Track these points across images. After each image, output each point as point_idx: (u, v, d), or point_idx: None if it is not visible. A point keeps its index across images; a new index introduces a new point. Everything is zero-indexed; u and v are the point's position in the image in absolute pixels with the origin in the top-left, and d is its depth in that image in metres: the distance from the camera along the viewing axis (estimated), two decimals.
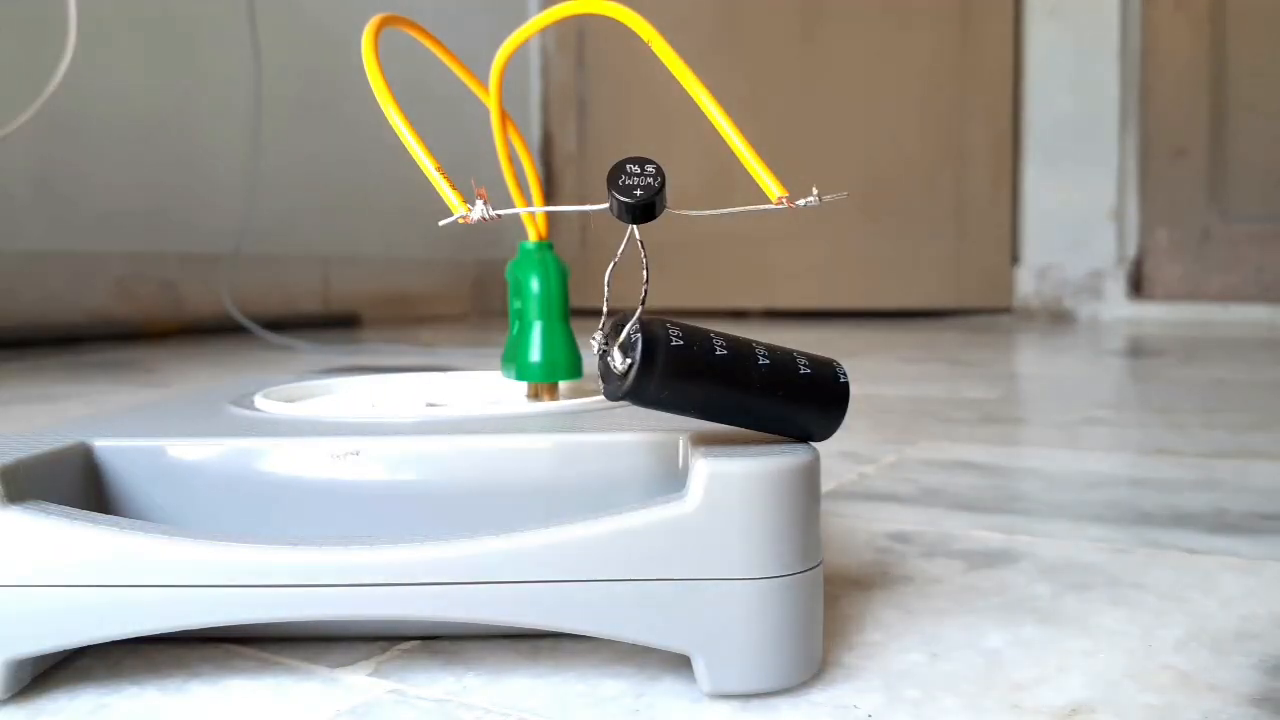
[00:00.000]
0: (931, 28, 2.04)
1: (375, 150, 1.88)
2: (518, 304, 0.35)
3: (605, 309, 0.25)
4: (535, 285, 0.34)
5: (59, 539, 0.24)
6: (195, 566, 0.23)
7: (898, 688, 0.24)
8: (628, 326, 0.23)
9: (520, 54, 2.30)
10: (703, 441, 0.25)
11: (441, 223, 0.25)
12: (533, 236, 0.35)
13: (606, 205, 0.24)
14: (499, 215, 0.25)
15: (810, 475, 0.24)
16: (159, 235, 1.60)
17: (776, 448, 0.25)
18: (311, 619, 0.24)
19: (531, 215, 0.34)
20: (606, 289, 0.24)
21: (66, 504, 0.25)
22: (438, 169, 0.26)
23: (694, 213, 0.25)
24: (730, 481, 0.23)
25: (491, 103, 0.32)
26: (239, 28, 1.55)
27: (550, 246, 0.35)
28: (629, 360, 0.23)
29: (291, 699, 0.24)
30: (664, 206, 0.24)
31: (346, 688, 0.25)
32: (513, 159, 0.34)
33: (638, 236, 0.24)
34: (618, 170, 0.23)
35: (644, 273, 0.24)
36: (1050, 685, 0.24)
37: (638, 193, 0.23)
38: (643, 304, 0.24)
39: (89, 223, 1.50)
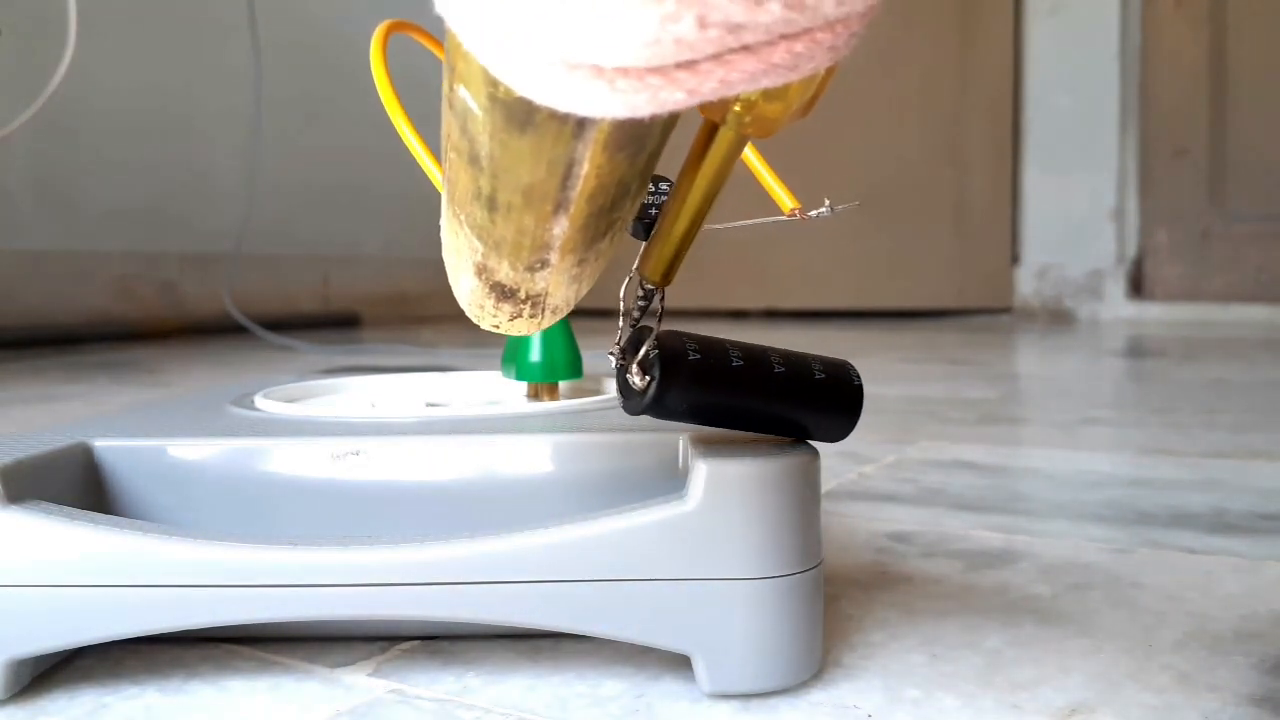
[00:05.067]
0: (931, 28, 2.04)
1: (375, 150, 1.88)
2: None
3: (621, 321, 0.25)
4: None
5: (59, 539, 0.24)
6: (195, 566, 0.23)
7: (898, 688, 0.24)
8: (646, 344, 0.23)
9: None
10: (703, 441, 0.25)
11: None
12: None
13: None
14: None
15: (810, 475, 0.24)
16: (159, 235, 1.60)
17: (776, 448, 0.25)
18: (311, 619, 0.24)
19: None
20: (622, 303, 0.24)
21: (66, 504, 0.25)
22: (444, 174, 0.26)
23: (707, 225, 0.25)
24: (730, 481, 0.23)
25: None
26: (239, 28, 1.55)
27: None
28: (649, 378, 0.23)
29: (291, 699, 0.24)
30: None
31: (346, 688, 0.25)
32: None
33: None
34: None
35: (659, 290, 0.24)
36: (1050, 685, 0.24)
37: (653, 211, 0.23)
38: (659, 320, 0.24)
39: (89, 223, 1.50)
